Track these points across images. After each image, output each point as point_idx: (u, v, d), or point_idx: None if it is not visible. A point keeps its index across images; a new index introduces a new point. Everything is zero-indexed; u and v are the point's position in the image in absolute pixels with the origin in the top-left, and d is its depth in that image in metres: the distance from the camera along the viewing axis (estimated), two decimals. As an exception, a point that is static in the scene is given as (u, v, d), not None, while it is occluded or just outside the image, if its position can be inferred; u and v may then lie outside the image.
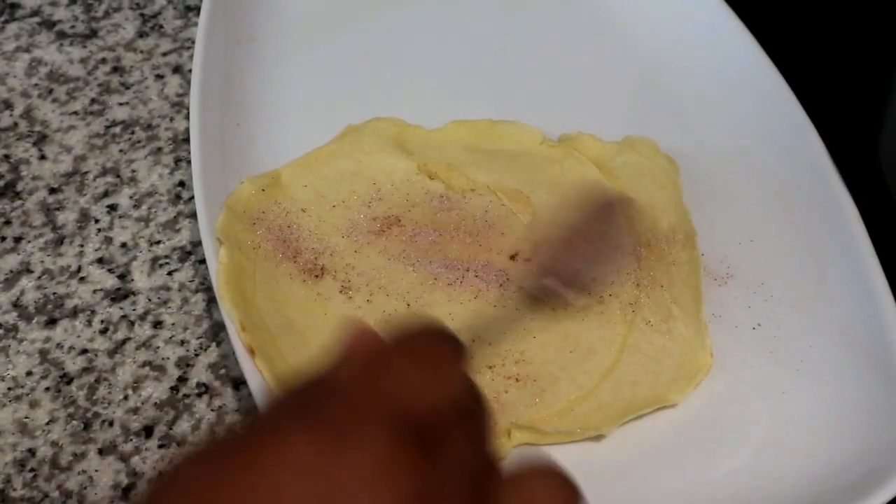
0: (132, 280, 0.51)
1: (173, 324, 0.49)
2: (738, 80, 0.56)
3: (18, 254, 0.52)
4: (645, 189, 0.52)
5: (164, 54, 0.62)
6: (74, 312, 0.49)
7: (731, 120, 0.56)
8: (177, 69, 0.61)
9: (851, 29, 0.54)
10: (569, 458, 0.43)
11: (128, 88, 0.60)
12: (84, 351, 0.48)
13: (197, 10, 0.64)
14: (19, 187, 0.55)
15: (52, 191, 0.55)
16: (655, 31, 0.61)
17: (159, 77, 0.61)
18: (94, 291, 0.50)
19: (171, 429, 0.45)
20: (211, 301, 0.49)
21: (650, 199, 0.51)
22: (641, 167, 0.53)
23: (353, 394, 0.25)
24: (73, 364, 0.48)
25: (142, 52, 0.62)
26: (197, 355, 0.48)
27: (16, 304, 0.50)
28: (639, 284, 0.48)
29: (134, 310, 0.49)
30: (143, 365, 0.47)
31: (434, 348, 0.27)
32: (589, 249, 0.46)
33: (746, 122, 0.55)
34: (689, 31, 0.60)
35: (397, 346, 0.27)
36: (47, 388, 0.47)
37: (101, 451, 0.44)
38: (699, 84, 0.58)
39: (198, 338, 0.48)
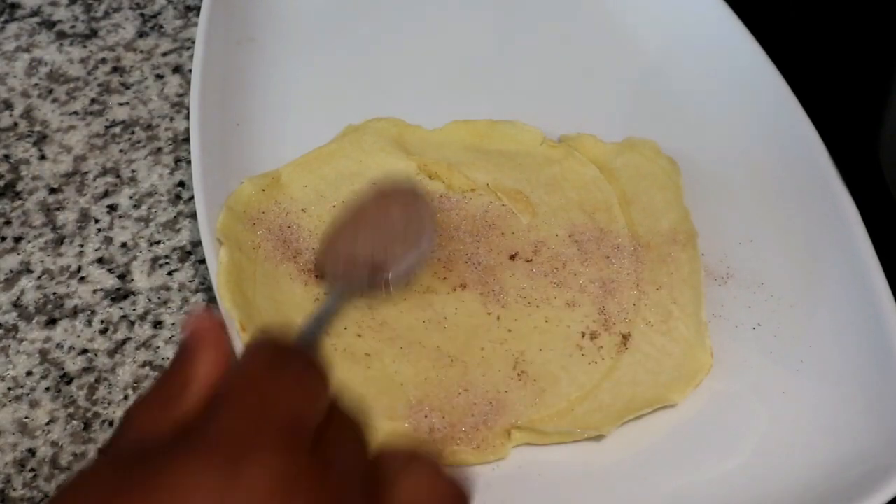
0: (132, 280, 0.51)
1: (173, 324, 0.49)
2: (738, 80, 0.56)
3: (18, 254, 0.52)
4: (646, 190, 0.52)
5: (164, 54, 0.62)
6: (74, 312, 0.49)
7: (730, 120, 0.56)
8: (177, 69, 0.61)
9: (851, 29, 0.54)
10: (569, 458, 0.43)
11: (128, 88, 0.60)
12: (84, 351, 0.48)
13: (197, 10, 0.64)
14: (19, 187, 0.55)
15: (52, 191, 0.55)
16: (655, 31, 0.61)
17: (159, 77, 0.61)
18: (94, 291, 0.50)
19: (171, 429, 0.45)
20: (211, 301, 0.49)
21: (651, 200, 0.51)
22: (642, 168, 0.53)
23: (234, 415, 0.25)
24: (73, 364, 0.48)
25: (142, 52, 0.62)
26: (197, 355, 0.48)
27: (16, 304, 0.50)
28: (638, 285, 0.48)
29: (134, 310, 0.49)
30: (143, 365, 0.47)
31: (294, 362, 0.27)
32: (369, 234, 0.46)
33: (746, 122, 0.55)
34: (689, 31, 0.60)
35: (260, 362, 0.27)
36: (47, 388, 0.47)
37: (101, 452, 0.44)
38: (699, 84, 0.58)
39: (198, 338, 0.48)
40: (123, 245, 0.52)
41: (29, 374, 0.47)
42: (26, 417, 0.46)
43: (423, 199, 0.48)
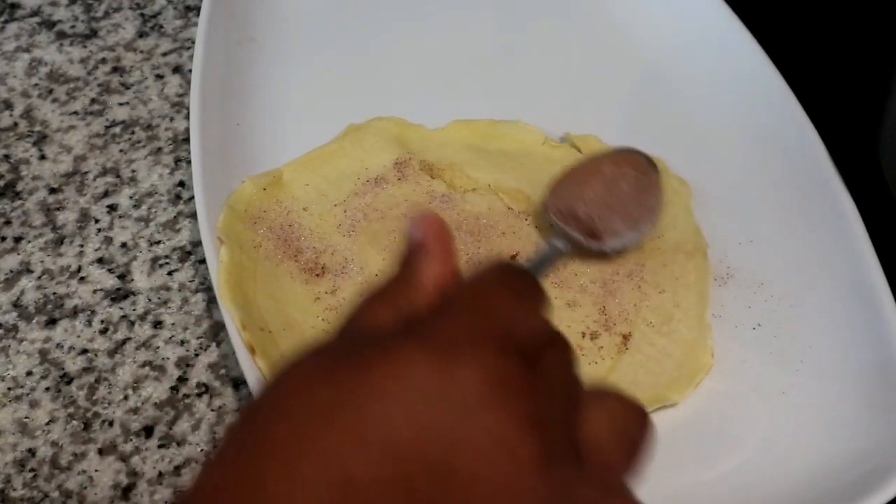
0: (132, 280, 0.51)
1: (173, 324, 0.49)
2: (738, 80, 0.56)
3: (18, 254, 0.52)
4: None
5: (164, 54, 0.62)
6: (74, 312, 0.49)
7: (730, 120, 0.56)
8: (177, 69, 0.61)
9: (851, 29, 0.55)
10: (569, 457, 0.43)
11: (128, 88, 0.60)
12: (84, 351, 0.48)
13: (197, 10, 0.64)
14: (19, 187, 0.55)
15: (52, 191, 0.55)
16: (656, 32, 0.61)
17: (159, 77, 0.61)
18: (94, 291, 0.50)
19: (171, 429, 0.45)
20: (211, 301, 0.49)
21: None
22: None
23: (463, 314, 0.26)
24: (73, 364, 0.48)
25: (142, 52, 0.62)
26: (197, 355, 0.48)
27: (16, 304, 0.50)
28: (640, 287, 0.48)
29: (134, 310, 0.49)
30: (143, 365, 0.47)
31: (525, 284, 0.29)
32: (610, 201, 0.48)
33: (746, 123, 0.55)
34: (689, 31, 0.60)
35: (496, 276, 0.28)
36: (47, 388, 0.47)
37: (101, 451, 0.44)
38: (699, 84, 0.58)
39: (198, 338, 0.48)
40: (123, 245, 0.52)
41: (29, 374, 0.47)
42: (26, 417, 0.46)
43: (658, 180, 0.49)
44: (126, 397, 0.46)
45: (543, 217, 0.49)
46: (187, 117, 0.57)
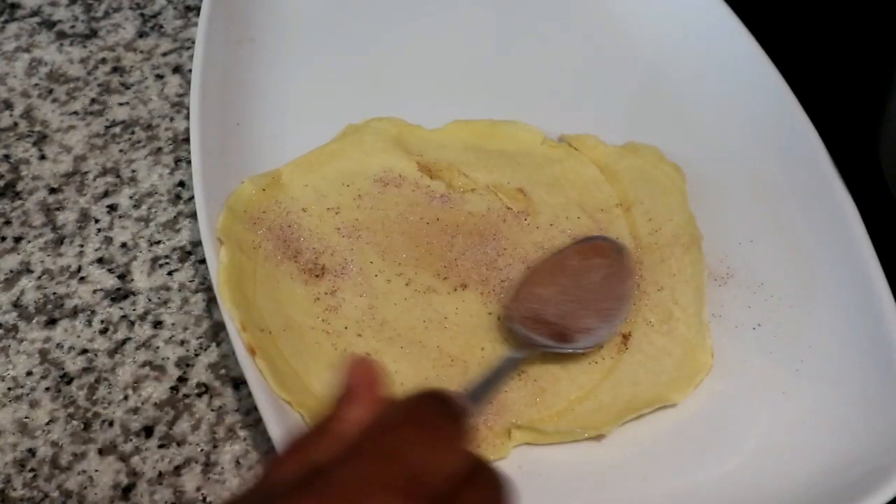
0: (132, 280, 0.51)
1: (173, 324, 0.49)
2: (738, 80, 0.56)
3: (18, 254, 0.52)
4: (648, 194, 0.52)
5: (164, 54, 0.62)
6: (74, 312, 0.49)
7: (730, 120, 0.56)
8: (177, 69, 0.61)
9: (851, 29, 0.54)
10: (569, 458, 0.43)
11: (128, 88, 0.60)
12: (84, 351, 0.48)
13: (197, 10, 0.64)
14: (19, 187, 0.55)
15: (52, 191, 0.55)
16: (656, 32, 0.61)
17: (159, 77, 0.61)
18: (94, 291, 0.50)
19: (171, 429, 0.45)
20: (211, 301, 0.49)
21: (654, 204, 0.51)
22: (645, 172, 0.53)
23: (363, 461, 0.25)
24: (73, 364, 0.48)
25: (142, 52, 0.62)
26: (197, 355, 0.48)
27: (16, 304, 0.50)
28: (639, 286, 0.48)
29: (134, 310, 0.49)
30: (143, 365, 0.47)
31: (440, 418, 0.27)
32: (580, 296, 0.45)
33: (746, 123, 0.55)
34: (689, 31, 0.60)
35: (404, 413, 0.27)
36: (47, 388, 0.47)
37: (101, 451, 0.44)
38: (699, 84, 0.58)
39: (198, 338, 0.48)
40: (123, 245, 0.52)
41: (29, 374, 0.47)
42: (26, 417, 0.46)
43: (628, 262, 0.47)
44: (126, 397, 0.46)
45: (503, 326, 0.46)
46: (187, 117, 0.57)
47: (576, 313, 0.45)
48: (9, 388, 0.47)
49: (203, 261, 0.50)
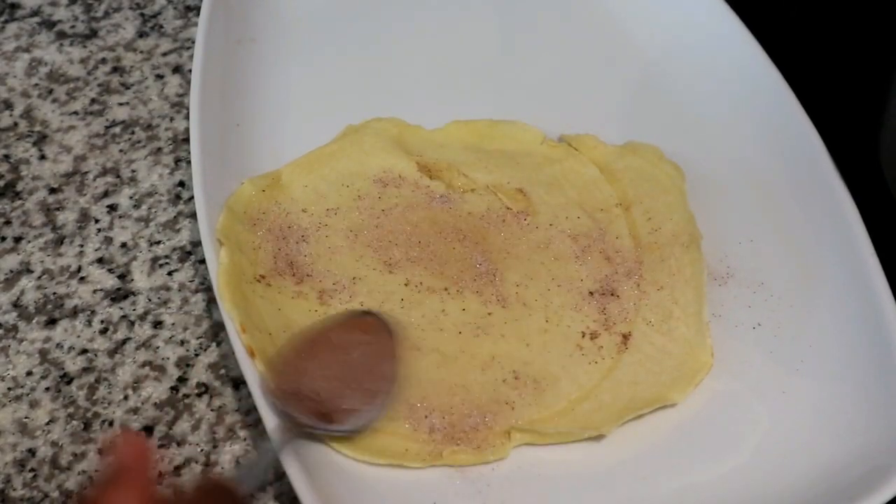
0: (132, 280, 0.51)
1: (173, 324, 0.49)
2: (738, 80, 0.56)
3: (18, 254, 0.52)
4: (648, 193, 0.52)
5: (164, 54, 0.62)
6: (74, 312, 0.49)
7: (730, 120, 0.56)
8: (177, 69, 0.61)
9: (851, 29, 0.54)
10: (569, 458, 0.43)
11: (128, 88, 0.60)
12: (84, 351, 0.48)
13: (197, 10, 0.64)
14: (19, 187, 0.55)
15: (52, 191, 0.55)
16: (656, 32, 0.61)
17: (159, 77, 0.61)
18: (94, 291, 0.50)
19: (171, 429, 0.45)
20: (211, 301, 0.49)
21: (653, 203, 0.51)
22: (644, 172, 0.53)
23: None
24: (73, 364, 0.48)
25: (142, 52, 0.62)
26: (197, 355, 0.48)
27: (16, 304, 0.50)
28: (639, 285, 0.48)
29: (134, 310, 0.49)
30: (143, 365, 0.47)
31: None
32: (342, 374, 0.41)
33: (746, 123, 0.55)
34: (689, 31, 0.60)
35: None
36: (47, 388, 0.47)
37: (101, 451, 0.44)
38: (699, 84, 0.58)
39: (198, 338, 0.48)
40: (123, 245, 0.52)
41: (29, 374, 0.47)
42: (26, 417, 0.46)
43: (392, 343, 0.43)
44: (126, 397, 0.46)
45: (263, 399, 0.41)
46: (187, 117, 0.57)
47: (337, 390, 0.41)
48: (9, 388, 0.47)
49: (203, 261, 0.50)
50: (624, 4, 0.62)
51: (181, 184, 0.55)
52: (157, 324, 0.49)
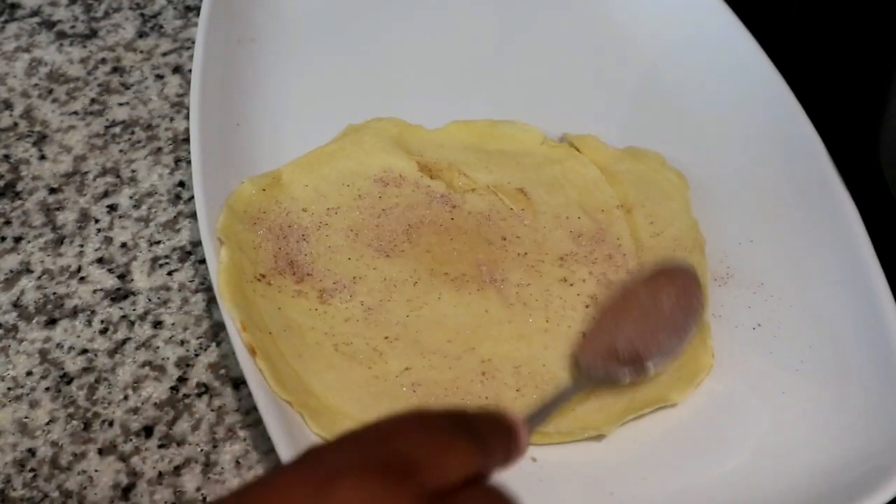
0: (132, 280, 0.51)
1: (173, 324, 0.49)
2: (738, 80, 0.56)
3: (18, 254, 0.52)
4: (649, 197, 0.52)
5: (164, 54, 0.62)
6: (74, 312, 0.49)
7: (730, 120, 0.56)
8: (177, 69, 0.61)
9: (851, 29, 0.54)
10: (569, 458, 0.43)
11: (128, 88, 0.60)
12: (84, 351, 0.48)
13: (197, 10, 0.64)
14: (19, 187, 0.55)
15: (52, 191, 0.55)
16: (655, 32, 0.61)
17: (159, 77, 0.61)
18: (94, 291, 0.50)
19: (171, 429, 0.45)
20: (211, 301, 0.49)
21: (655, 208, 0.51)
22: (647, 177, 0.53)
23: (354, 446, 0.26)
24: (73, 364, 0.48)
25: (142, 52, 0.62)
26: (197, 355, 0.48)
27: (16, 304, 0.50)
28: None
29: (134, 310, 0.49)
30: (143, 365, 0.47)
31: (450, 423, 0.28)
32: (653, 325, 0.45)
33: (746, 123, 0.55)
34: (689, 31, 0.60)
35: (414, 416, 0.28)
36: (47, 388, 0.47)
37: (101, 451, 0.44)
38: (699, 84, 0.58)
39: (198, 338, 0.48)
40: (123, 245, 0.52)
41: (29, 374, 0.47)
42: (26, 417, 0.46)
43: (697, 283, 0.46)
44: (126, 397, 0.46)
45: (574, 369, 0.45)
46: (187, 117, 0.57)
47: (647, 335, 0.45)
48: (9, 388, 0.47)
49: (203, 261, 0.50)
50: (624, 5, 0.62)
51: (181, 184, 0.55)
52: (157, 324, 0.49)
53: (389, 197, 0.52)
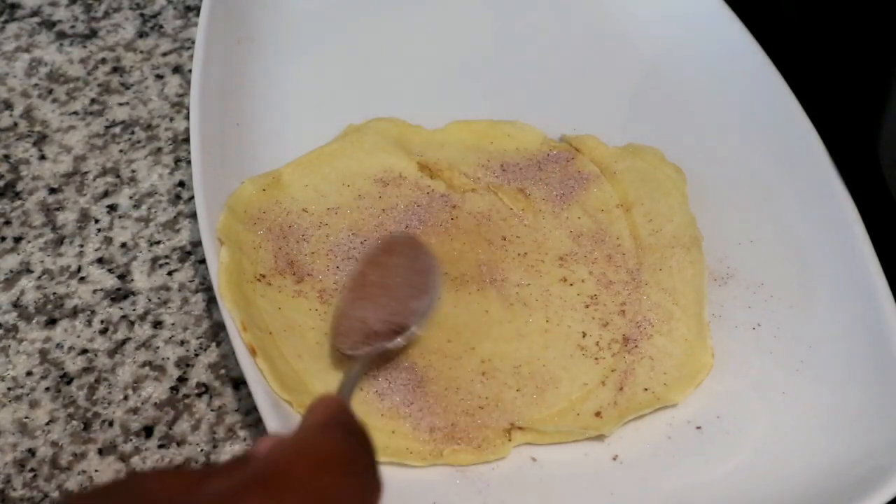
0: (132, 280, 0.51)
1: (173, 324, 0.49)
2: (738, 80, 0.56)
3: (18, 254, 0.52)
4: (649, 195, 0.52)
5: (164, 54, 0.62)
6: (74, 312, 0.49)
7: (730, 120, 0.56)
8: (177, 69, 0.61)
9: (851, 29, 0.54)
10: (569, 458, 0.43)
11: (128, 88, 0.60)
12: (84, 351, 0.48)
13: (197, 10, 0.64)
14: (19, 187, 0.55)
15: (52, 191, 0.55)
16: (655, 32, 0.61)
17: (159, 77, 0.61)
18: (94, 291, 0.50)
19: (171, 429, 0.45)
20: (211, 301, 0.49)
21: (654, 205, 0.51)
22: (645, 174, 0.53)
23: (296, 496, 0.25)
24: (73, 364, 0.48)
25: (142, 52, 0.62)
26: (197, 355, 0.48)
27: (16, 304, 0.50)
28: (640, 286, 0.48)
29: (134, 310, 0.49)
30: (143, 365, 0.47)
31: (359, 450, 0.29)
32: (380, 298, 0.45)
33: (746, 123, 0.55)
34: (689, 31, 0.60)
35: (328, 445, 0.28)
36: (47, 388, 0.47)
37: (101, 451, 0.44)
38: (699, 84, 0.58)
39: (198, 338, 0.48)
40: (123, 245, 0.52)
41: (29, 374, 0.47)
42: (26, 417, 0.46)
43: (421, 244, 0.48)
44: (126, 397, 0.46)
45: (338, 352, 0.45)
46: (187, 117, 0.57)
47: (399, 306, 0.45)
48: (9, 388, 0.47)
49: (203, 261, 0.50)
50: (624, 5, 0.62)
51: (181, 184, 0.55)
52: (157, 324, 0.49)
53: (389, 197, 0.52)
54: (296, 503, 0.24)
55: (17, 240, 0.52)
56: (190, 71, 0.57)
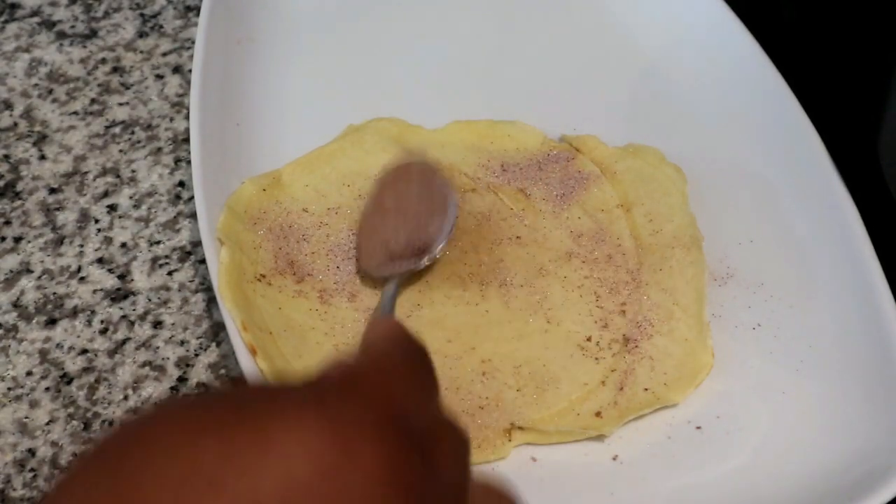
0: (132, 280, 0.51)
1: (173, 324, 0.49)
2: (738, 80, 0.56)
3: (18, 254, 0.52)
4: (649, 195, 0.52)
5: (164, 54, 0.62)
6: (74, 312, 0.49)
7: (730, 120, 0.56)
8: (177, 69, 0.61)
9: (851, 29, 0.54)
10: (569, 458, 0.43)
11: (128, 88, 0.60)
12: (84, 351, 0.48)
13: (197, 10, 0.64)
14: (19, 187, 0.55)
15: (52, 191, 0.55)
16: (655, 32, 0.61)
17: (159, 77, 0.61)
18: (94, 291, 0.50)
19: (171, 429, 0.45)
20: (211, 301, 0.49)
21: (654, 205, 0.51)
22: (645, 174, 0.53)
23: (366, 395, 0.24)
24: (73, 364, 0.47)
25: (142, 52, 0.62)
26: (197, 355, 0.48)
27: (16, 304, 0.50)
28: (640, 286, 0.48)
29: (134, 310, 0.49)
30: (143, 365, 0.47)
31: (423, 366, 0.28)
32: (399, 222, 0.48)
33: (746, 123, 0.55)
34: (689, 31, 0.60)
35: (397, 356, 0.27)
36: (47, 388, 0.47)
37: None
38: (699, 84, 0.58)
39: (198, 338, 0.48)
40: (123, 245, 0.52)
41: (29, 374, 0.47)
42: (26, 417, 0.46)
43: (434, 168, 0.50)
44: (126, 397, 0.46)
45: (363, 271, 0.48)
46: (187, 117, 0.57)
47: (417, 229, 0.48)
48: (9, 388, 0.47)
49: (203, 261, 0.50)
50: (624, 5, 0.62)
51: (181, 184, 0.55)
52: (157, 324, 0.49)
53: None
54: (372, 408, 0.23)
55: (17, 240, 0.52)
56: (190, 71, 0.57)
